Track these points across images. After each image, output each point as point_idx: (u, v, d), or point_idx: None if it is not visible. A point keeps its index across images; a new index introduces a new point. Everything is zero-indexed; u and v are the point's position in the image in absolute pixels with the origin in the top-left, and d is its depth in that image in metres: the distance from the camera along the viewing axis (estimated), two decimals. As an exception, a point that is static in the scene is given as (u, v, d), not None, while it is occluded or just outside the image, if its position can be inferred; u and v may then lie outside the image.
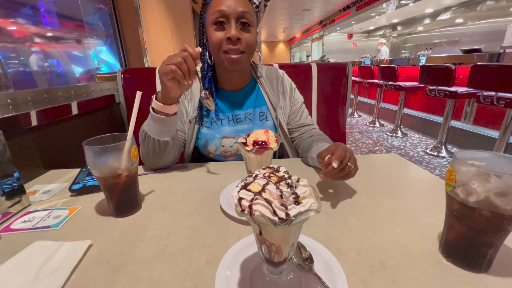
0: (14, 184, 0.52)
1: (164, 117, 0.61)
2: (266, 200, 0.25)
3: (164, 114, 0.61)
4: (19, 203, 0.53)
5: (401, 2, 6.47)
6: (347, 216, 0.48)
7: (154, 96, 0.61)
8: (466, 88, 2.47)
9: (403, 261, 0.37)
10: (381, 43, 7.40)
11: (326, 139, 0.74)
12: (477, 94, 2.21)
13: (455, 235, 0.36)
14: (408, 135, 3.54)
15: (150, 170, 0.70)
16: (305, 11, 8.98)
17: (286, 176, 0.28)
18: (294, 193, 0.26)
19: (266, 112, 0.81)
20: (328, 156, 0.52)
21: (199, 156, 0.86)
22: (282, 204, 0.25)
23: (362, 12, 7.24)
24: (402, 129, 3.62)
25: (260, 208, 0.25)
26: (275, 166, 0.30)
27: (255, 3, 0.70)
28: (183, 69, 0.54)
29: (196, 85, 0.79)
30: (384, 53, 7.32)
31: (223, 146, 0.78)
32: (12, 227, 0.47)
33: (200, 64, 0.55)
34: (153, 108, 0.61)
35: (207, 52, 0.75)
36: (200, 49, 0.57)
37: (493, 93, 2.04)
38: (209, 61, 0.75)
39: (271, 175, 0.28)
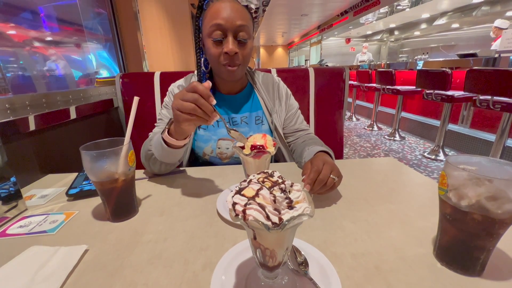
0: (11, 188, 0.52)
1: (174, 149, 0.60)
2: (259, 205, 0.25)
3: (175, 146, 0.59)
4: (16, 208, 0.53)
5: (398, 7, 6.57)
6: (343, 220, 0.48)
7: (166, 128, 0.58)
8: (462, 92, 2.50)
9: (398, 265, 0.37)
10: (365, 46, 7.12)
11: (318, 142, 0.75)
12: (473, 98, 2.23)
13: (449, 239, 0.36)
14: (406, 139, 3.56)
15: (148, 175, 0.71)
16: (303, 16, 9.08)
17: (280, 181, 0.28)
18: (287, 197, 0.27)
19: (262, 117, 0.82)
20: (303, 177, 0.52)
21: (195, 160, 0.86)
22: (275, 209, 0.26)
23: (359, 17, 7.33)
24: (400, 133, 3.64)
25: (253, 213, 0.25)
26: (270, 171, 0.31)
27: (252, 8, 0.71)
28: (199, 114, 0.49)
29: None
30: (368, 56, 7.20)
31: (219, 148, 0.79)
32: (8, 232, 0.47)
33: (215, 102, 0.49)
34: (163, 139, 0.58)
35: (203, 58, 0.75)
36: (210, 83, 0.50)
37: (489, 97, 2.06)
38: (204, 68, 0.76)
39: (265, 180, 0.28)
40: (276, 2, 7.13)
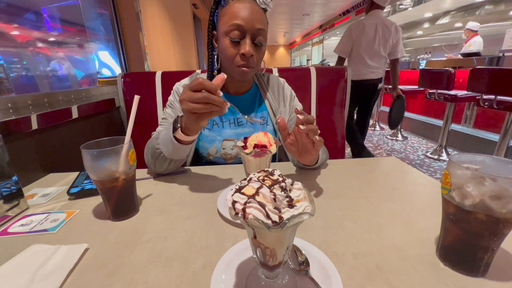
0: (12, 187, 0.52)
1: (183, 145, 0.60)
2: (259, 203, 0.25)
3: (185, 142, 0.59)
4: (17, 207, 0.53)
5: (400, 6, 6.54)
6: (344, 219, 0.48)
7: (179, 125, 0.57)
8: (465, 92, 2.48)
9: (400, 265, 0.37)
10: None
11: None
12: (477, 97, 2.21)
13: (452, 239, 0.36)
14: (409, 139, 3.54)
15: (151, 174, 0.70)
16: (305, 15, 9.06)
17: (280, 179, 0.28)
18: (288, 196, 0.26)
19: (267, 117, 0.82)
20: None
21: (197, 160, 0.86)
22: (275, 207, 0.25)
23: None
24: (403, 133, 3.62)
25: (253, 212, 0.25)
26: (270, 170, 0.30)
27: (267, 11, 0.70)
28: (213, 109, 0.49)
29: None
30: None
31: (223, 149, 0.79)
32: (9, 230, 0.47)
33: (221, 93, 0.48)
34: (174, 136, 0.58)
35: (215, 55, 0.75)
36: (224, 76, 0.49)
37: (492, 96, 2.05)
38: (216, 65, 0.76)
39: (266, 178, 0.28)
40: (278, 1, 7.12)
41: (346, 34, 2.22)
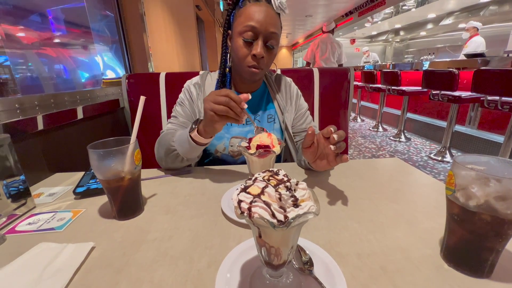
0: (20, 186, 0.53)
1: (199, 146, 0.63)
2: (265, 202, 0.25)
3: (200, 143, 0.62)
4: (25, 206, 0.54)
5: (403, 7, 6.52)
6: (348, 220, 0.48)
7: (196, 126, 0.61)
8: (469, 93, 2.46)
9: (404, 266, 0.37)
10: (366, 51, 7.75)
11: None
12: (481, 98, 2.19)
13: (456, 240, 0.36)
14: (412, 140, 3.52)
15: (154, 174, 0.71)
16: (308, 16, 9.06)
17: (285, 179, 0.28)
18: (293, 196, 0.27)
19: (274, 115, 0.84)
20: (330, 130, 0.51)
21: (205, 156, 0.86)
22: (281, 207, 0.26)
23: (364, 18, 7.29)
24: (406, 134, 3.60)
25: (259, 211, 0.25)
26: (275, 170, 0.31)
27: (282, 15, 0.72)
28: (231, 115, 0.54)
29: (209, 84, 0.81)
30: (372, 57, 7.61)
31: (231, 146, 0.80)
32: (17, 229, 0.48)
33: (246, 106, 0.53)
34: (191, 137, 0.61)
35: (228, 54, 0.77)
36: (250, 96, 0.54)
37: (497, 97, 2.03)
38: (228, 62, 0.78)
39: (271, 178, 0.28)
40: (281, 3, 7.11)
41: (310, 49, 3.86)
